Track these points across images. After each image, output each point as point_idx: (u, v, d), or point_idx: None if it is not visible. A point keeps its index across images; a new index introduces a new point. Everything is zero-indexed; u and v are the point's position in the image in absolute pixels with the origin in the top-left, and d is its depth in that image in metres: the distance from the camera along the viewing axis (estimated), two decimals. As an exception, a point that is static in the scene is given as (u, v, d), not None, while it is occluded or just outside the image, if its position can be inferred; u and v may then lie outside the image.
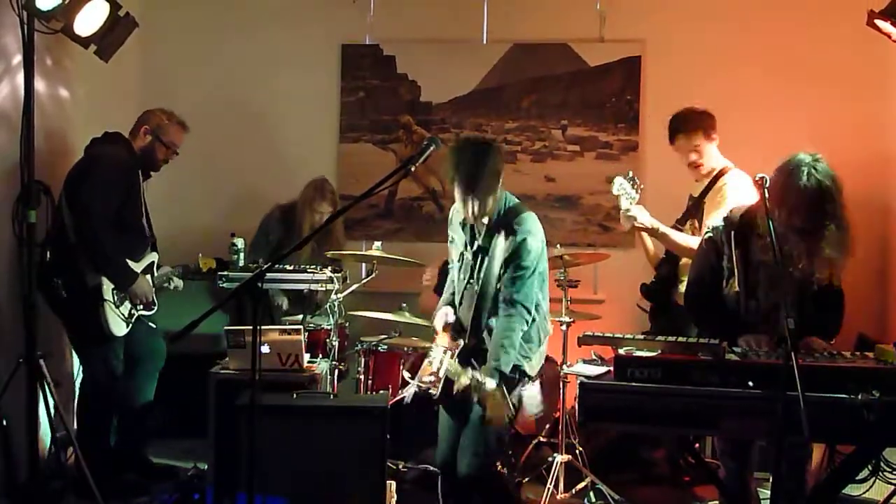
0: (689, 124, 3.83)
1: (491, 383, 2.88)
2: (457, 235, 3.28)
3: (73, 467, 3.48)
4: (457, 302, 3.24)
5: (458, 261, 3.27)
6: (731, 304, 2.96)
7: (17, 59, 3.71)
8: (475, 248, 3.17)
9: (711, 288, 3.02)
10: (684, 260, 3.87)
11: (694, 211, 3.90)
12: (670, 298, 4.00)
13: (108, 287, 3.77)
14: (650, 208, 3.76)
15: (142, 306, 3.93)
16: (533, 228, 3.10)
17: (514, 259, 3.05)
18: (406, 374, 3.89)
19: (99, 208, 3.71)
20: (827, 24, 4.77)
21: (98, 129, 4.03)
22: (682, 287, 3.87)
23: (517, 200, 3.22)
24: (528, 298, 3.05)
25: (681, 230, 3.90)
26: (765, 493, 3.25)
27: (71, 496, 3.61)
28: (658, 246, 3.96)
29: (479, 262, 3.15)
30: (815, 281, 2.83)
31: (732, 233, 2.92)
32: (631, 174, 3.75)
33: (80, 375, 4.03)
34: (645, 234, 3.88)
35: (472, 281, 3.16)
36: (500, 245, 3.08)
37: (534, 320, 3.09)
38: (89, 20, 3.97)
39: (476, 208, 3.03)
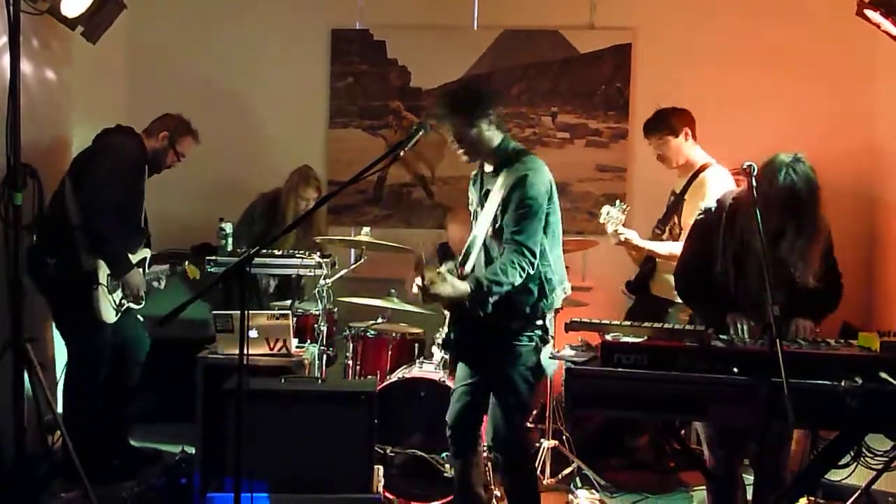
0: (654, 122, 3.91)
1: (460, 286, 2.90)
2: (471, 194, 3.24)
3: (60, 452, 3.48)
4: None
5: (473, 219, 3.20)
6: (720, 287, 2.98)
7: (3, 40, 3.68)
8: (482, 192, 3.12)
9: (702, 270, 3.02)
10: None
11: (675, 209, 3.93)
12: (647, 289, 4.06)
13: (103, 272, 3.79)
14: (638, 198, 3.78)
15: (131, 297, 3.94)
16: (536, 167, 3.00)
17: (514, 194, 2.93)
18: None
19: (108, 196, 3.75)
20: (816, 14, 4.78)
21: (85, 111, 4.01)
22: (659, 277, 3.93)
23: (523, 147, 3.15)
24: (530, 240, 2.92)
25: (663, 231, 3.93)
26: (749, 478, 3.28)
27: (58, 480, 3.61)
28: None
29: (484, 206, 3.09)
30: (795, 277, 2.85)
31: (723, 218, 2.93)
32: (619, 202, 3.78)
33: (66, 360, 4.02)
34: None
35: (476, 234, 3.09)
36: (501, 181, 2.99)
37: (543, 281, 3.02)
38: (76, 1, 3.93)
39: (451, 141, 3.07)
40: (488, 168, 3.14)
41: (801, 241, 2.75)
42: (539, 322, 3.09)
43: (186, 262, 4.25)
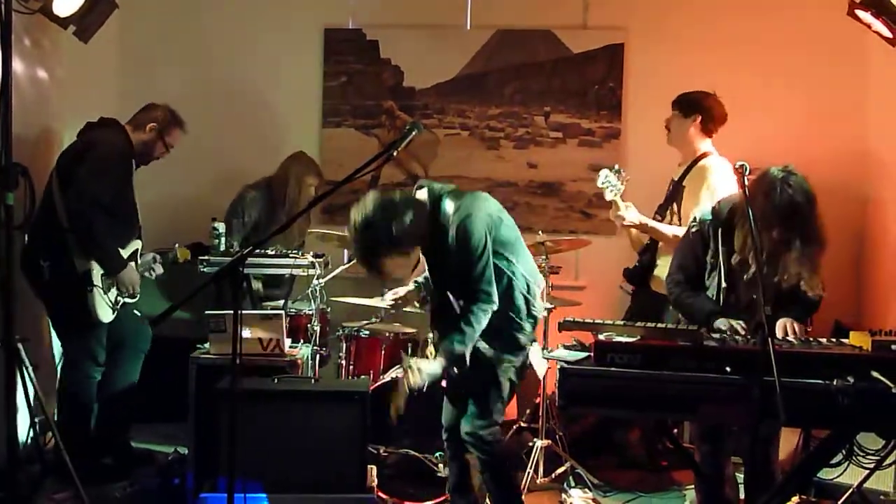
0: (678, 98, 3.98)
1: (432, 366, 2.95)
2: None
3: (52, 452, 3.46)
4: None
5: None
6: (712, 295, 3.00)
7: (-6, 39, 3.65)
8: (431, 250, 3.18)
9: (694, 277, 3.05)
10: (660, 245, 3.94)
11: (673, 195, 3.96)
12: (647, 283, 4.06)
13: (97, 272, 3.76)
14: (631, 195, 3.79)
15: (127, 294, 3.92)
16: (471, 209, 2.99)
17: (457, 244, 2.97)
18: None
19: (95, 194, 3.70)
20: (808, 14, 4.80)
21: (77, 110, 3.99)
22: (658, 272, 3.95)
23: (450, 188, 3.12)
24: (484, 280, 2.97)
25: (662, 218, 3.95)
26: (740, 476, 3.29)
27: (50, 481, 3.59)
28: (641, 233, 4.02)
29: (434, 263, 3.19)
30: (786, 287, 2.87)
31: (720, 229, 2.95)
32: (617, 167, 3.82)
33: (61, 360, 4.00)
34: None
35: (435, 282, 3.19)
36: (444, 236, 3.01)
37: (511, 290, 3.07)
38: (68, 0, 3.92)
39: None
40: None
41: (808, 251, 2.77)
42: (533, 329, 3.17)
43: (177, 245, 4.24)
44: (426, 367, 2.97)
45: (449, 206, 3.03)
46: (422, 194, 3.09)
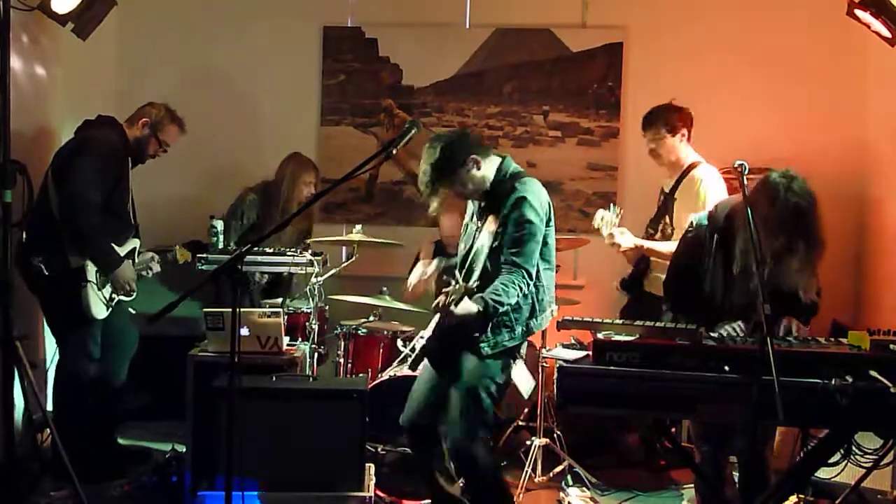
0: (654, 117, 3.94)
1: (469, 304, 2.89)
2: (470, 204, 3.29)
3: (49, 450, 3.46)
4: (457, 273, 3.19)
5: (464, 231, 3.27)
6: (709, 299, 3.00)
7: (-8, 36, 3.65)
8: (480, 207, 3.17)
9: (692, 281, 3.04)
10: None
11: (665, 208, 3.95)
12: (642, 287, 4.07)
13: (91, 268, 3.76)
14: (629, 197, 3.80)
15: (122, 292, 3.91)
16: (535, 189, 3.06)
17: (513, 215, 2.98)
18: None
19: (88, 193, 3.69)
20: (808, 13, 4.81)
21: (75, 107, 3.98)
22: (654, 274, 3.94)
23: (522, 170, 3.19)
24: (528, 261, 2.97)
25: (655, 231, 3.95)
26: (736, 475, 3.29)
27: (47, 479, 3.59)
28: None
29: (479, 226, 3.16)
30: (786, 292, 2.86)
31: (716, 233, 2.94)
32: (612, 206, 3.82)
33: (56, 358, 4.00)
34: None
35: (473, 245, 3.13)
36: (500, 201, 3.03)
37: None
38: (66, -3, 3.92)
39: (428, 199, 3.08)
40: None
41: (809, 256, 2.76)
42: (522, 340, 3.13)
43: (177, 246, 4.24)
44: (465, 303, 2.91)
45: (518, 177, 3.08)
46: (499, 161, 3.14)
